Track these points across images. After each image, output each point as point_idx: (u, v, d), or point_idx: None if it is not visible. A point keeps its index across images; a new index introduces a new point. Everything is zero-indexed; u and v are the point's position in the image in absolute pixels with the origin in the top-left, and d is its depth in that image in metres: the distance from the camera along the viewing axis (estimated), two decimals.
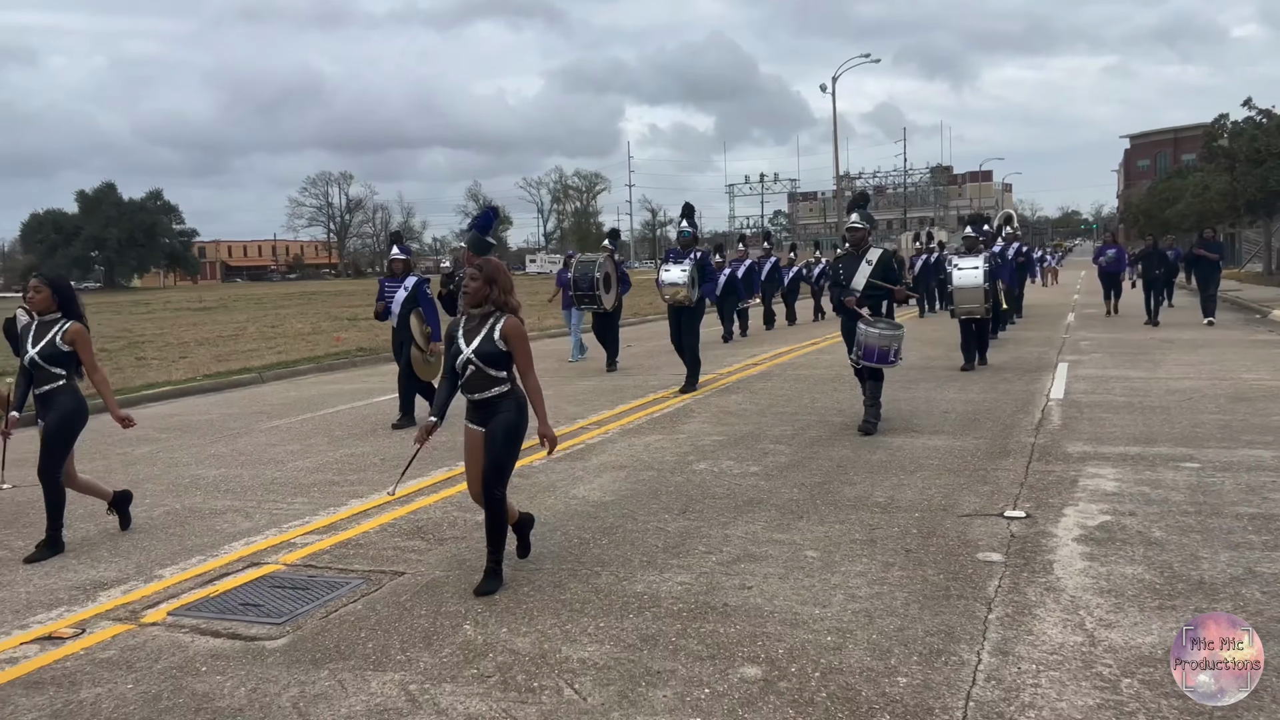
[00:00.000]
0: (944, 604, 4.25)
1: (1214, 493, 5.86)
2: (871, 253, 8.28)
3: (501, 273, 4.65)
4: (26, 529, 6.21)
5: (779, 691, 3.48)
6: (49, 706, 3.61)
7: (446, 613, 4.39)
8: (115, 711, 3.54)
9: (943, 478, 6.52)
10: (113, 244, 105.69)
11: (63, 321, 5.70)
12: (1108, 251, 21.10)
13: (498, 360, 4.55)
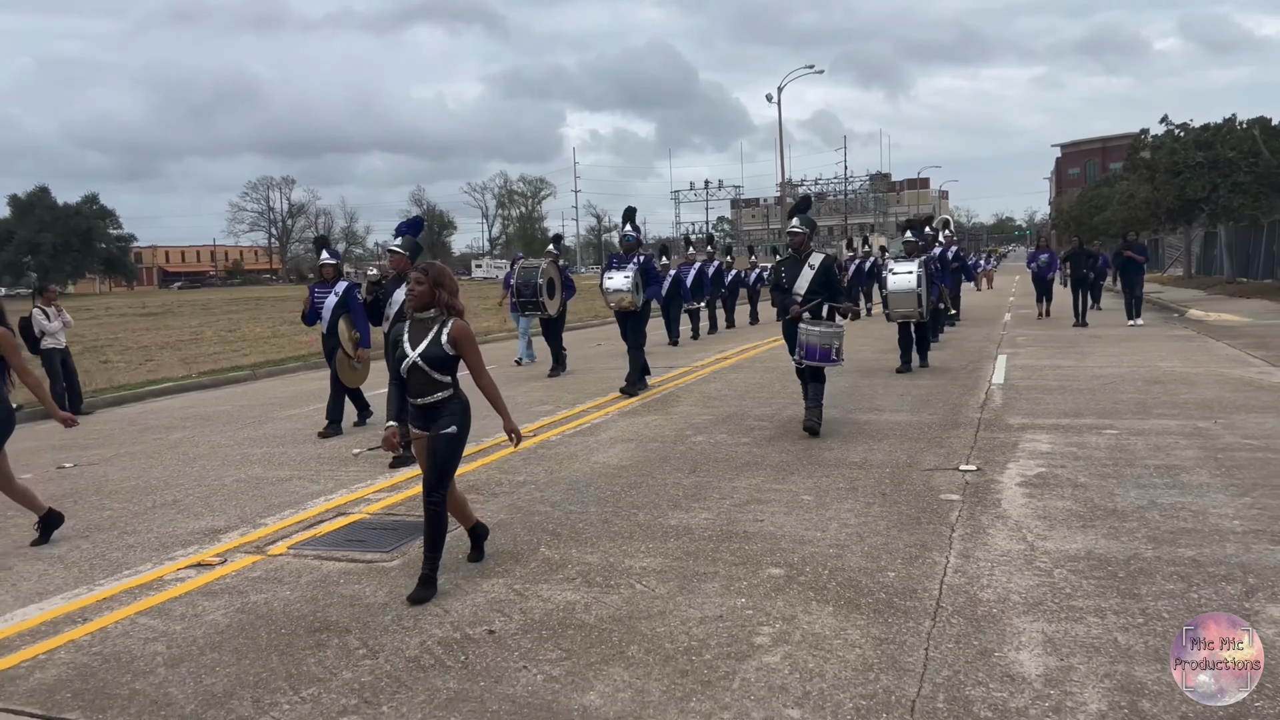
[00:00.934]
0: (917, 528, 5.41)
1: (1128, 450, 7.13)
2: (814, 258, 8.31)
3: (447, 276, 4.68)
4: (108, 498, 7.09)
5: (799, 583, 4.60)
6: (230, 607, 4.58)
7: (523, 541, 5.44)
8: (286, 609, 4.52)
9: (906, 444, 7.72)
10: (47, 249, 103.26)
11: None
12: (1040, 257, 22.06)
13: (444, 364, 4.55)
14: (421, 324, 4.61)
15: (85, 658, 4.06)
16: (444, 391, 4.59)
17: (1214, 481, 6.12)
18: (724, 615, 4.21)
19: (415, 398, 4.61)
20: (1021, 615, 4.08)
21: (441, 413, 4.59)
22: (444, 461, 4.56)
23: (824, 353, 8.09)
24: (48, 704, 3.63)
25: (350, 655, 3.95)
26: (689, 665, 3.72)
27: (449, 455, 4.59)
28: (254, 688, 3.68)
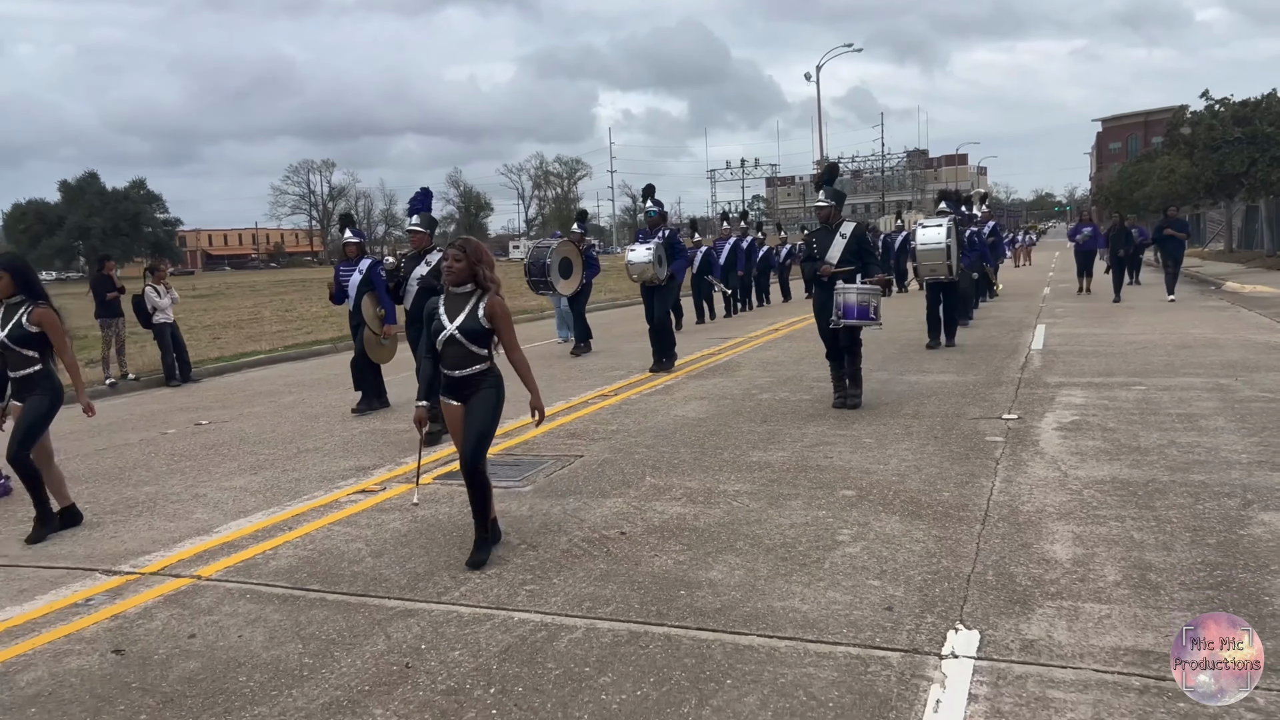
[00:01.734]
0: (966, 461, 6.33)
1: (1153, 402, 7.98)
2: (845, 226, 8.25)
3: (484, 251, 4.75)
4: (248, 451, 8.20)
5: (869, 500, 5.55)
6: (405, 519, 5.63)
7: (628, 473, 6.44)
8: (450, 520, 5.55)
9: (953, 399, 8.62)
10: (97, 233, 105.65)
11: (28, 304, 5.71)
12: (1084, 230, 21.61)
13: (480, 337, 4.62)
14: (458, 298, 4.69)
15: (304, 552, 5.12)
16: (480, 364, 4.68)
17: (1228, 426, 6.97)
18: (809, 522, 5.18)
19: (452, 370, 4.67)
20: (1055, 521, 5.01)
21: (477, 385, 4.68)
22: (484, 430, 4.68)
23: (862, 310, 7.97)
24: (291, 581, 4.69)
25: (515, 549, 4.97)
26: (787, 554, 4.70)
27: (487, 424, 4.70)
28: (447, 569, 4.72)
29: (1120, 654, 3.46)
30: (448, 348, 4.65)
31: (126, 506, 6.36)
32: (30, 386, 5.70)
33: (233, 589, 4.61)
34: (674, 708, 3.24)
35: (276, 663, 3.75)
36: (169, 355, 13.23)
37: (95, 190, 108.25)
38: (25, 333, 5.65)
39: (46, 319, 5.70)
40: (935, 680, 3.34)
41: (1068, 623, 3.75)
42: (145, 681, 3.65)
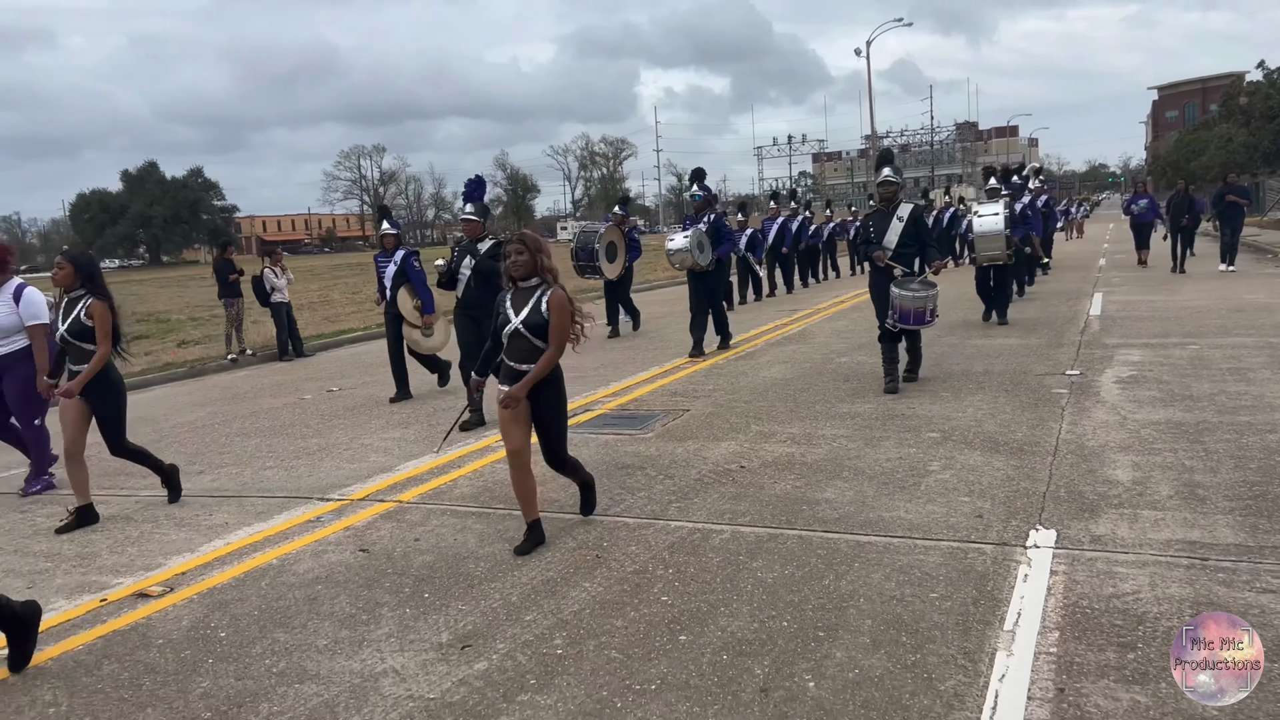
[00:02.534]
0: (1035, 409, 7.17)
1: (1206, 359, 8.72)
2: (903, 209, 8.13)
3: (543, 244, 4.83)
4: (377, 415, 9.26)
5: (952, 440, 6.43)
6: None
7: (734, 422, 7.38)
8: (595, 458, 6.52)
9: (1019, 359, 9.42)
10: (158, 221, 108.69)
11: (86, 298, 5.83)
12: (1140, 201, 21.09)
13: (543, 330, 4.68)
14: (524, 292, 4.76)
15: (478, 484, 6.15)
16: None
17: (1274, 377, 7.72)
18: (902, 457, 6.09)
19: (516, 363, 4.75)
20: (1116, 453, 5.85)
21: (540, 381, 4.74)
22: (559, 429, 4.93)
23: (918, 315, 7.93)
24: (477, 503, 5.72)
25: (654, 478, 5.95)
26: (887, 480, 5.61)
27: (561, 423, 4.93)
28: (609, 491, 5.70)
29: (1171, 544, 4.33)
30: (513, 341, 4.73)
31: (307, 453, 7.46)
32: (91, 381, 5.79)
33: (433, 509, 5.65)
34: (817, 580, 4.18)
35: (493, 555, 4.77)
36: (283, 332, 14.42)
37: (155, 179, 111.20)
38: (84, 327, 5.75)
39: (98, 313, 5.77)
40: (1022, 562, 4.24)
41: (1128, 524, 4.63)
42: (395, 569, 4.68)
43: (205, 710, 3.40)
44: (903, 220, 8.06)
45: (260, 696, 3.47)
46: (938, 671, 3.31)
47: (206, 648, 3.93)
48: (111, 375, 5.94)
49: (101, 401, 5.86)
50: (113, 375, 5.96)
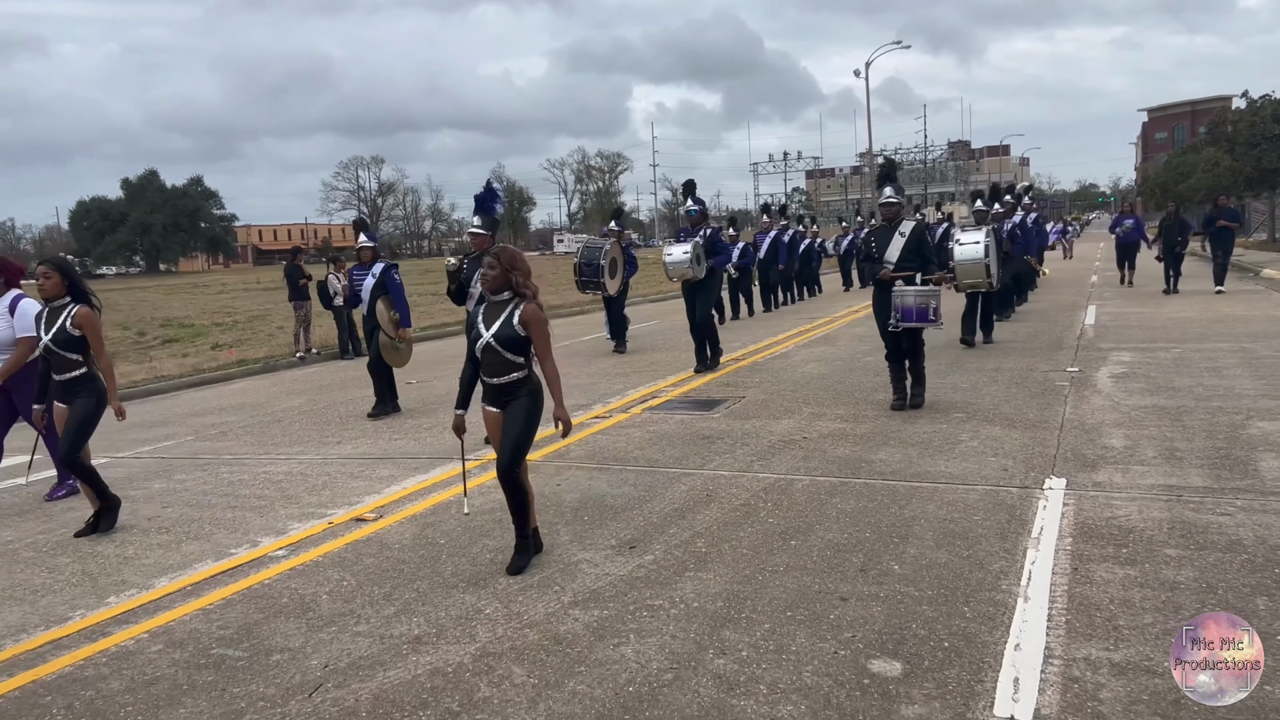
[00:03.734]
0: (1042, 396, 8.51)
1: (1187, 360, 10.08)
2: (904, 225, 8.27)
3: (519, 259, 4.77)
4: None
5: (975, 419, 7.75)
6: (648, 431, 7.94)
7: (788, 406, 8.70)
8: (676, 432, 7.83)
9: (1025, 359, 10.77)
10: (158, 229, 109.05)
11: (70, 306, 5.82)
12: (1125, 222, 21.43)
13: (516, 345, 4.66)
14: (496, 306, 4.74)
15: (589, 448, 7.45)
16: (518, 372, 4.72)
17: (1244, 374, 9.08)
18: (937, 431, 7.41)
19: (490, 377, 4.74)
20: (1110, 428, 7.19)
21: (515, 393, 4.73)
22: (520, 438, 4.73)
23: (921, 312, 8.06)
24: (594, 461, 7.02)
25: (733, 445, 7.26)
26: (926, 446, 6.93)
27: (524, 431, 4.74)
28: (692, 456, 7.00)
29: (1154, 487, 5.66)
30: (485, 355, 4.72)
31: (423, 429, 8.75)
32: (74, 390, 5.83)
33: (560, 465, 6.95)
34: (885, 510, 5.49)
35: (624, 495, 6.07)
36: (344, 333, 15.71)
37: (155, 187, 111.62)
38: (69, 336, 5.75)
39: (87, 321, 5.79)
40: (1041, 498, 5.56)
41: (1121, 474, 5.96)
42: (551, 504, 5.98)
43: (459, 579, 4.68)
44: (904, 236, 8.20)
45: (481, 584, 4.75)
46: (986, 559, 4.62)
47: (434, 550, 5.22)
48: (99, 384, 5.93)
49: (83, 407, 5.81)
50: (99, 385, 5.94)
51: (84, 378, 5.85)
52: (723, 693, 3.44)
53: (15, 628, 4.50)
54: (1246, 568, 4.32)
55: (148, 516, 6.30)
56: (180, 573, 5.14)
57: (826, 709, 3.29)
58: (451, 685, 3.61)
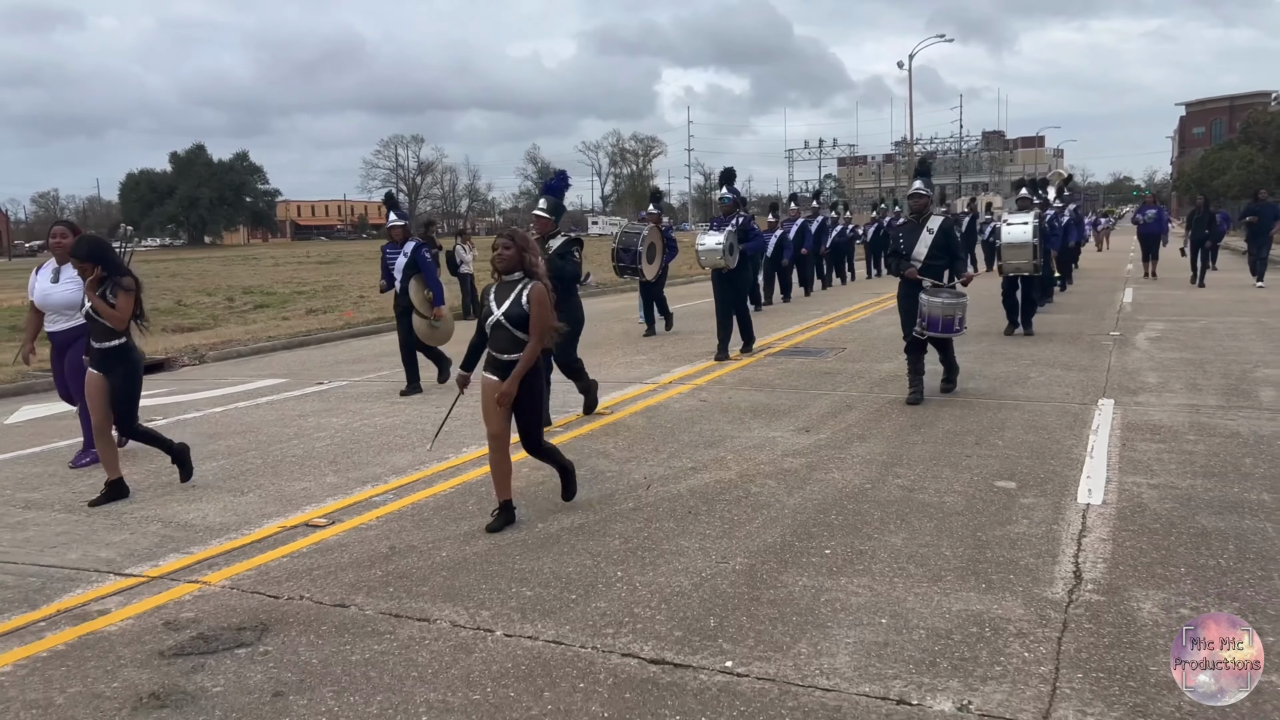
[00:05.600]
0: (1091, 351, 10.59)
1: (1211, 329, 12.11)
2: (933, 221, 8.20)
3: (530, 241, 5.02)
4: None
5: (1040, 364, 9.83)
6: (742, 378, 10.10)
7: (885, 354, 10.80)
8: (793, 373, 9.98)
9: (1073, 326, 12.83)
10: (205, 203, 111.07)
11: (109, 281, 5.83)
12: (1147, 212, 21.52)
13: (524, 322, 4.86)
14: (507, 285, 4.97)
15: (739, 378, 9.62)
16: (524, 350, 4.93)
17: (1257, 339, 11.11)
18: (1011, 371, 9.50)
19: (499, 353, 4.97)
20: (1147, 371, 9.26)
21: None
22: (534, 422, 5.14)
23: (947, 323, 8.06)
24: (744, 387, 9.18)
25: (849, 379, 9.39)
26: (1006, 379, 9.03)
27: (533, 411, 5.10)
28: (823, 383, 9.15)
29: (1180, 406, 7.74)
30: (495, 332, 4.96)
31: (595, 366, 10.92)
32: (111, 359, 5.88)
33: (722, 388, 9.14)
34: (983, 415, 7.59)
35: (784, 404, 8.23)
36: (468, 297, 17.95)
37: (203, 161, 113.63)
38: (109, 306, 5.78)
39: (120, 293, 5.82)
40: (1096, 409, 7.65)
41: (1155, 397, 8.05)
42: (732, 407, 8.14)
43: (701, 440, 6.84)
44: (933, 232, 8.14)
45: (717, 444, 6.91)
46: (1061, 439, 6.73)
47: (661, 432, 7.39)
48: (134, 355, 6.00)
49: (120, 384, 5.90)
50: (134, 355, 6.01)
51: (122, 348, 5.89)
52: (906, 492, 5.59)
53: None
54: (1241, 446, 6.41)
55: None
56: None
57: (975, 499, 5.42)
58: (731, 487, 5.78)
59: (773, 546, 4.73)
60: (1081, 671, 3.36)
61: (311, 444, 7.43)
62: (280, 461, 6.91)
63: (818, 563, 4.50)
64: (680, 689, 3.33)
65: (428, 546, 4.91)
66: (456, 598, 4.21)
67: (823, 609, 3.97)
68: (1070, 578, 4.23)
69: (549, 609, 4.05)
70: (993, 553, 4.55)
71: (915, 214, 8.40)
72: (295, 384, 10.58)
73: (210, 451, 7.24)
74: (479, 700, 3.30)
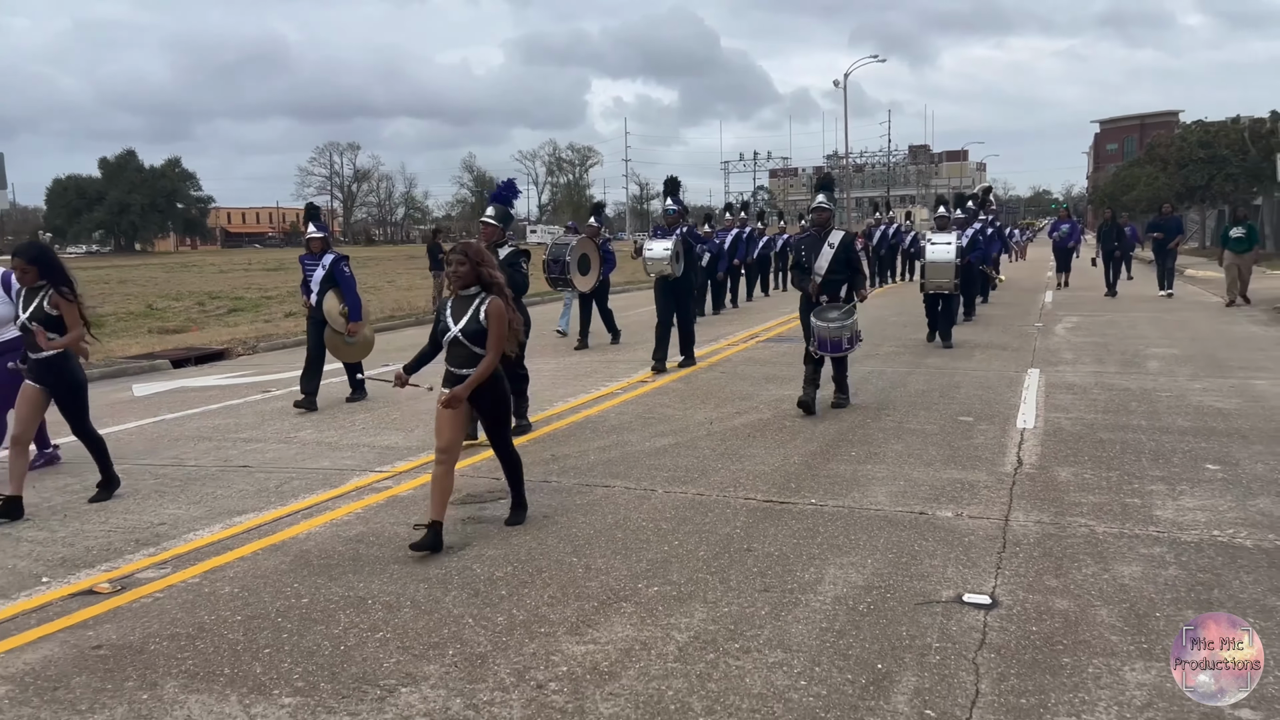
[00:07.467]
0: (1020, 338, 13.07)
1: (1116, 321, 14.75)
2: (834, 235, 8.41)
3: (485, 254, 5.02)
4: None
5: (979, 348, 12.25)
6: (758, 356, 12.34)
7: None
8: (786, 354, 12.23)
9: (1004, 320, 15.38)
10: (136, 209, 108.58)
11: (48, 288, 5.80)
12: (1061, 227, 22.82)
13: (482, 338, 4.91)
14: (463, 300, 4.96)
15: (746, 356, 11.82)
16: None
17: (1150, 329, 13.75)
18: (958, 353, 11.88)
19: (457, 368, 4.97)
20: (1064, 350, 11.73)
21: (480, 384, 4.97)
22: (498, 422, 5.19)
23: (835, 344, 8.28)
24: (752, 363, 11.39)
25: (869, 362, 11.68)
26: (955, 357, 11.40)
27: (498, 417, 5.17)
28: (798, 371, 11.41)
29: (1088, 372, 10.16)
30: (452, 348, 4.96)
31: (597, 354, 13.03)
32: (50, 368, 5.82)
33: (747, 357, 11.32)
34: (942, 379, 9.90)
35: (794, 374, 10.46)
36: None
37: (134, 167, 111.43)
38: (47, 315, 5.78)
39: (62, 303, 5.80)
40: (1026, 375, 10.01)
41: (1070, 367, 10.48)
42: (757, 363, 10.33)
43: (730, 408, 8.98)
44: (833, 247, 8.32)
45: (748, 398, 9.08)
46: (1002, 392, 9.07)
47: (701, 393, 9.53)
48: (74, 364, 5.97)
49: (64, 395, 5.92)
50: (74, 364, 5.98)
51: (60, 356, 5.85)
52: (897, 423, 7.81)
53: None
54: (1130, 396, 8.81)
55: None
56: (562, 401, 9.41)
57: (946, 426, 7.67)
58: (771, 423, 7.94)
59: (815, 451, 6.92)
60: (1025, 500, 5.62)
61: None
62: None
63: (849, 458, 6.71)
64: (786, 511, 5.50)
65: (578, 454, 6.99)
66: (619, 477, 6.31)
67: (860, 478, 6.17)
68: (1015, 462, 6.51)
69: (683, 481, 6.18)
70: (963, 452, 6.82)
71: (818, 227, 8.51)
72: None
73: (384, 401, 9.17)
74: (669, 517, 5.41)
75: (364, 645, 3.82)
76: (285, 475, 6.64)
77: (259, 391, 10.50)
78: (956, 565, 4.57)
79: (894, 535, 5.03)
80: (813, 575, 4.48)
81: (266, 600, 4.31)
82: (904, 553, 4.75)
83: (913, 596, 4.20)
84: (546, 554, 4.85)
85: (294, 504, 5.88)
